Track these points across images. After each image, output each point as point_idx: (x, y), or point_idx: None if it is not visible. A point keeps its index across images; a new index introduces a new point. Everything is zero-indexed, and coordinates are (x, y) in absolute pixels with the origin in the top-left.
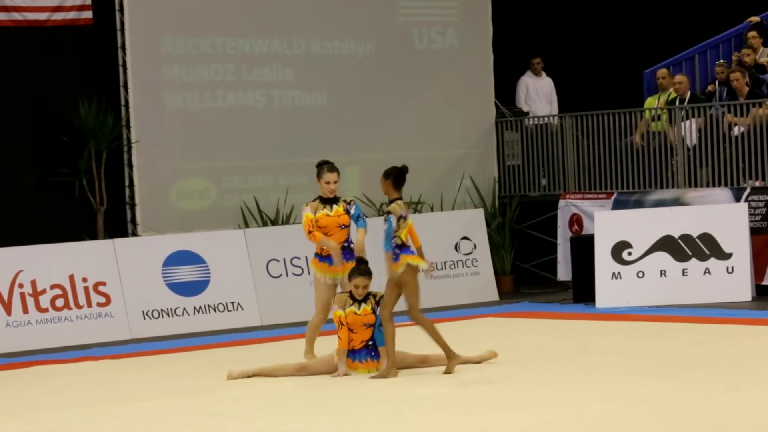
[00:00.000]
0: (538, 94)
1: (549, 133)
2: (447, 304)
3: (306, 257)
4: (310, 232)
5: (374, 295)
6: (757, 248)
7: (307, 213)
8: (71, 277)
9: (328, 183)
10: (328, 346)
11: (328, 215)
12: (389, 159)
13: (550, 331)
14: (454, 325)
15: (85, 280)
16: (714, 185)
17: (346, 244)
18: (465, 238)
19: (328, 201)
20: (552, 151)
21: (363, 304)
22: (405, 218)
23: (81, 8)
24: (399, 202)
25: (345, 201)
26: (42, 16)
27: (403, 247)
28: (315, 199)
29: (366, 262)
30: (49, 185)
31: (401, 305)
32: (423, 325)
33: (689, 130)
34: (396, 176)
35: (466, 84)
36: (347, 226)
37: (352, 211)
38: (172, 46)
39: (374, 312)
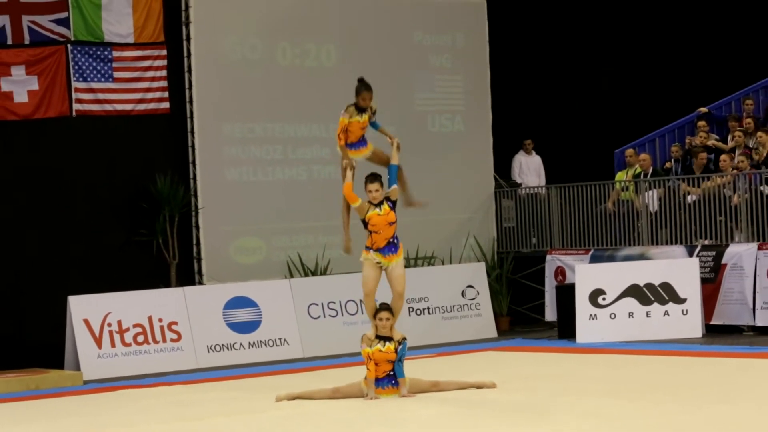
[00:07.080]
0: (529, 169)
1: (538, 200)
2: (454, 340)
3: (340, 301)
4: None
5: (398, 341)
6: (706, 294)
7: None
8: (149, 318)
9: (370, 192)
10: (358, 374)
11: (378, 215)
12: (407, 221)
13: (539, 363)
14: (461, 357)
15: (160, 320)
16: (672, 243)
17: (392, 240)
18: (470, 286)
19: (378, 204)
20: (541, 216)
21: (387, 343)
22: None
23: (160, 100)
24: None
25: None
26: (128, 107)
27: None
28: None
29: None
30: (132, 243)
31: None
32: None
33: (651, 198)
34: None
35: (470, 160)
36: (395, 223)
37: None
38: (231, 130)
39: (396, 351)
